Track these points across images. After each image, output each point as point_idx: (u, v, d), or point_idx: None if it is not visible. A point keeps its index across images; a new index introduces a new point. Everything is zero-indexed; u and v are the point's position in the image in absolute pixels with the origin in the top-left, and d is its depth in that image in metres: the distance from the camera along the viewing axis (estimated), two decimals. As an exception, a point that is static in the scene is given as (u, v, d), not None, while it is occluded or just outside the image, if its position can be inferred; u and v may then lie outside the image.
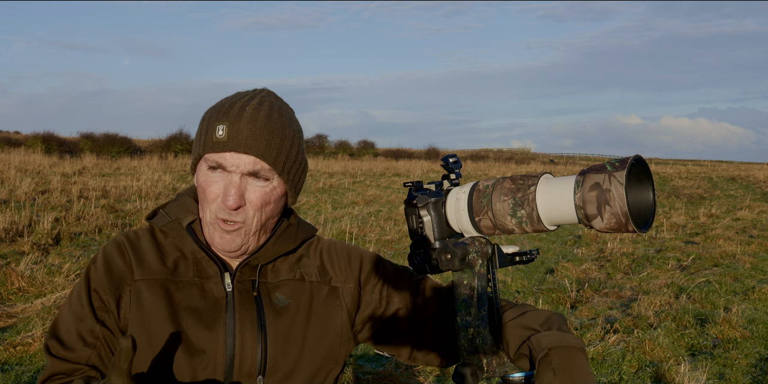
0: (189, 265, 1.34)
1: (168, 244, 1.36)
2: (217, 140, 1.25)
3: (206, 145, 1.27)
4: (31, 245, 8.54)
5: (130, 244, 1.35)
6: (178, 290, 1.31)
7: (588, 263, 9.14)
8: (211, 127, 1.27)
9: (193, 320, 1.29)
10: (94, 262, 1.34)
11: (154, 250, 1.34)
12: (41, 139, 30.64)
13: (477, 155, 50.32)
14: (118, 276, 1.31)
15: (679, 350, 5.43)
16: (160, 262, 1.33)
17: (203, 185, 1.29)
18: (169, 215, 1.37)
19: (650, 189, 1.10)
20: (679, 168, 42.76)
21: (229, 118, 1.26)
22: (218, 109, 1.29)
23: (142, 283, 1.30)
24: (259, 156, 1.26)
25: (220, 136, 1.25)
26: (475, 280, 1.20)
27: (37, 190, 14.05)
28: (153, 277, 1.31)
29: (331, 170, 26.78)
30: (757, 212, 15.68)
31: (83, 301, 1.31)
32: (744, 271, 8.60)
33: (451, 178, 1.25)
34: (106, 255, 1.34)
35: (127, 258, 1.33)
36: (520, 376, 1.24)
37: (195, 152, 1.32)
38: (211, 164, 1.27)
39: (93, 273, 1.32)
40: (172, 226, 1.35)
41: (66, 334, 1.30)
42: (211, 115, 1.29)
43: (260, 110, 1.28)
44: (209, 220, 1.31)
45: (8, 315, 5.90)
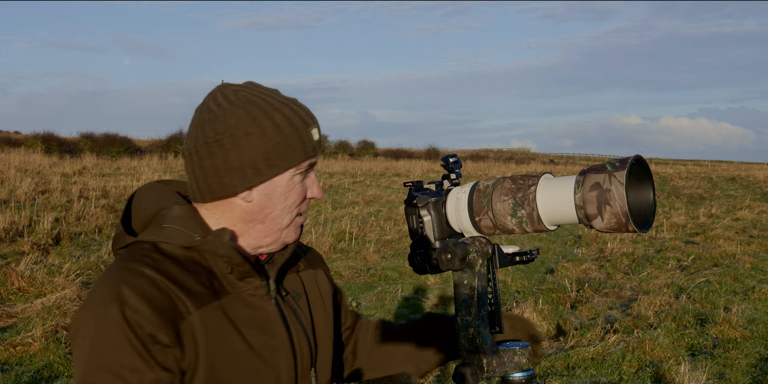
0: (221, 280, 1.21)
1: (186, 261, 1.20)
2: (317, 143, 1.22)
3: (307, 151, 1.21)
4: (31, 245, 8.54)
5: (160, 273, 1.14)
6: (229, 309, 1.20)
7: (588, 263, 9.14)
8: (304, 132, 1.20)
9: (256, 331, 1.22)
10: (123, 302, 1.09)
11: (183, 272, 1.17)
12: (41, 139, 30.62)
13: (477, 155, 50.32)
14: (167, 311, 1.11)
15: (679, 350, 5.43)
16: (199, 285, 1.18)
17: (289, 193, 1.22)
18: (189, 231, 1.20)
19: (650, 189, 1.10)
20: (679, 168, 42.77)
21: (313, 120, 1.23)
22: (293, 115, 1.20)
23: (200, 314, 1.15)
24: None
25: (317, 138, 1.22)
26: (476, 280, 1.20)
27: (37, 190, 14.05)
28: (204, 302, 1.16)
29: (331, 170, 26.77)
30: (757, 212, 15.69)
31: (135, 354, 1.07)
32: (744, 271, 8.60)
33: (451, 178, 1.25)
34: (138, 291, 1.10)
35: (166, 289, 1.13)
36: (520, 376, 1.24)
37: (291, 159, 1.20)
38: (303, 168, 1.22)
39: (133, 316, 1.08)
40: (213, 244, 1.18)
41: None
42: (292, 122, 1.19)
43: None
44: (288, 223, 1.24)
45: (8, 315, 5.90)
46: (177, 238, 1.18)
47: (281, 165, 1.19)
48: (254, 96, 1.20)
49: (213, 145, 1.18)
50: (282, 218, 1.23)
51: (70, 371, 4.70)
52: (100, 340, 1.07)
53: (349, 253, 9.48)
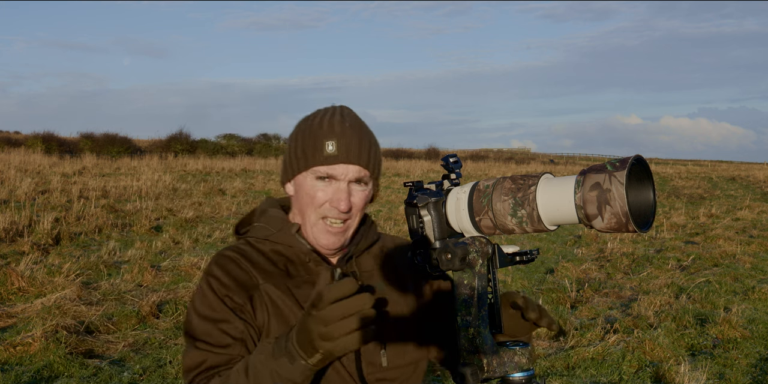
0: (297, 266, 1.49)
1: (269, 252, 1.50)
2: (329, 154, 1.43)
3: (316, 159, 1.44)
4: (31, 245, 8.54)
5: (241, 256, 1.48)
6: (298, 288, 1.46)
7: (588, 263, 9.14)
8: (320, 143, 1.44)
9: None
10: (210, 275, 1.45)
11: (263, 258, 1.49)
12: (41, 139, 30.63)
13: (477, 155, 50.33)
14: (243, 282, 1.44)
15: (679, 350, 5.43)
16: (273, 267, 1.48)
17: (311, 192, 1.46)
18: (271, 226, 1.51)
19: (651, 189, 1.10)
20: (679, 168, 42.78)
21: (335, 135, 1.44)
22: (319, 126, 1.46)
23: (268, 287, 1.45)
24: (363, 165, 1.46)
25: (330, 150, 1.43)
26: (476, 280, 1.20)
27: (37, 190, 14.06)
28: (275, 279, 1.46)
29: (331, 170, 26.70)
30: (757, 212, 15.69)
31: (216, 307, 1.41)
32: (744, 271, 8.60)
33: (451, 178, 1.25)
34: (222, 267, 1.46)
35: (244, 267, 1.46)
36: (521, 376, 1.24)
37: (297, 165, 1.47)
38: (321, 175, 1.45)
39: (216, 283, 1.43)
40: (281, 235, 1.49)
41: (209, 336, 1.39)
42: (314, 133, 1.45)
43: (355, 125, 1.47)
44: (313, 222, 1.47)
45: (8, 315, 5.90)
46: (260, 232, 1.52)
47: (297, 166, 1.47)
48: (316, 113, 1.50)
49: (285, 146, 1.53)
50: (309, 214, 1.47)
51: (70, 371, 4.71)
52: (196, 299, 1.45)
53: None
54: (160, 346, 5.36)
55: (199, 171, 23.19)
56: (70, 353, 4.92)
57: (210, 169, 23.96)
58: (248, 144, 39.62)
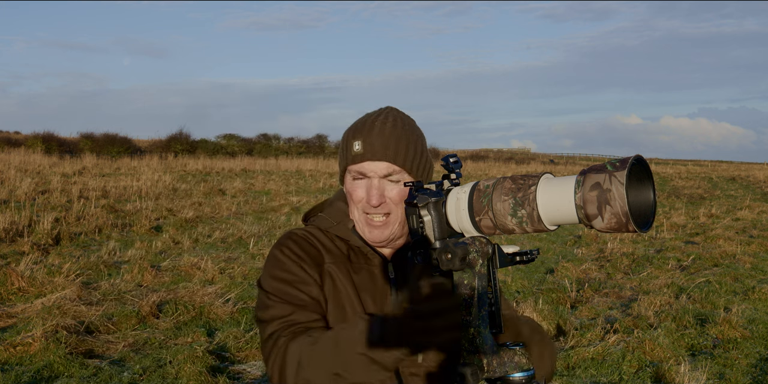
0: (358, 254, 1.59)
1: (335, 239, 1.61)
2: (355, 154, 1.53)
3: (347, 159, 1.55)
4: (31, 245, 8.53)
5: (311, 236, 1.60)
6: (356, 273, 1.57)
7: (588, 263, 9.14)
8: (349, 144, 1.55)
9: (369, 299, 1.55)
10: (283, 246, 1.57)
11: (329, 241, 1.60)
12: (41, 139, 30.65)
13: (477, 155, 50.33)
14: (315, 256, 1.56)
15: (679, 350, 5.43)
16: (338, 250, 1.59)
17: (350, 191, 1.57)
18: (331, 218, 1.62)
19: (651, 189, 1.10)
20: (679, 168, 42.79)
21: (362, 134, 1.54)
22: (353, 128, 1.58)
23: (332, 266, 1.56)
24: (390, 161, 1.52)
25: (357, 150, 1.53)
26: (476, 280, 1.20)
27: (37, 190, 14.06)
28: (338, 261, 1.57)
29: (331, 170, 26.77)
30: (757, 212, 15.69)
31: (293, 270, 1.53)
32: (744, 271, 8.60)
33: (451, 178, 1.25)
34: (295, 241, 1.58)
35: (315, 245, 1.58)
36: (521, 376, 1.24)
37: (341, 166, 1.61)
38: (354, 174, 1.55)
39: (289, 252, 1.55)
40: (339, 228, 1.60)
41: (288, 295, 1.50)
42: (348, 134, 1.57)
43: (386, 123, 1.55)
44: (358, 218, 1.57)
45: (8, 315, 5.90)
46: (321, 223, 1.63)
47: (341, 167, 1.61)
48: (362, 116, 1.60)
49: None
50: (353, 211, 1.58)
51: (70, 371, 4.71)
52: (269, 266, 1.56)
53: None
54: (160, 346, 5.36)
55: (199, 171, 23.20)
56: (70, 353, 4.92)
57: (210, 169, 23.97)
58: (248, 144, 39.64)
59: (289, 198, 15.80)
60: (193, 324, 5.90)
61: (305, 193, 17.72)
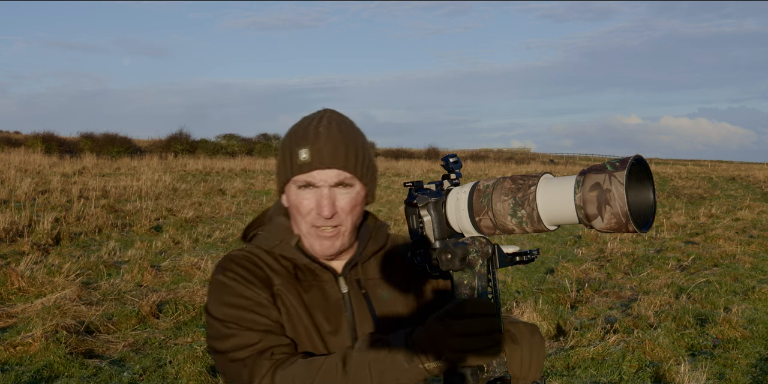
0: (305, 272, 1.49)
1: (278, 258, 1.50)
2: (303, 162, 1.42)
3: (293, 169, 1.44)
4: (31, 245, 8.53)
5: (255, 257, 1.49)
6: (306, 292, 1.47)
7: (588, 263, 9.14)
8: (294, 153, 1.44)
9: (323, 317, 1.46)
10: (227, 271, 1.45)
11: (274, 261, 1.49)
12: (41, 139, 30.63)
13: (477, 155, 50.34)
14: (263, 278, 1.45)
15: (679, 350, 5.43)
16: (283, 268, 1.49)
17: (295, 203, 1.46)
18: (272, 236, 1.51)
19: (650, 189, 1.10)
20: (679, 168, 42.78)
21: (308, 142, 1.43)
22: (294, 135, 1.47)
23: (280, 288, 1.46)
24: (341, 168, 1.43)
25: (304, 158, 1.42)
26: (476, 280, 1.20)
27: (37, 190, 14.05)
28: (286, 282, 1.47)
29: (331, 170, 26.67)
30: (757, 212, 15.69)
31: (246, 294, 1.42)
32: (744, 271, 8.60)
33: (451, 178, 1.25)
34: (239, 264, 1.47)
35: (261, 266, 1.47)
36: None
37: (282, 177, 1.48)
38: (301, 184, 1.44)
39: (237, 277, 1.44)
40: (282, 247, 1.49)
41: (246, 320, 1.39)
42: (291, 142, 1.46)
43: (331, 128, 1.45)
44: (306, 231, 1.47)
45: (8, 315, 5.90)
46: (263, 243, 1.52)
47: (282, 178, 1.48)
48: (301, 120, 1.50)
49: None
50: (299, 225, 1.48)
51: (70, 371, 4.70)
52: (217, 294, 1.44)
53: (349, 253, 9.47)
54: (160, 346, 5.36)
55: (199, 171, 23.19)
56: (70, 353, 4.92)
57: (210, 169, 23.96)
58: (248, 144, 39.63)
59: (289, 198, 15.76)
60: (193, 324, 5.90)
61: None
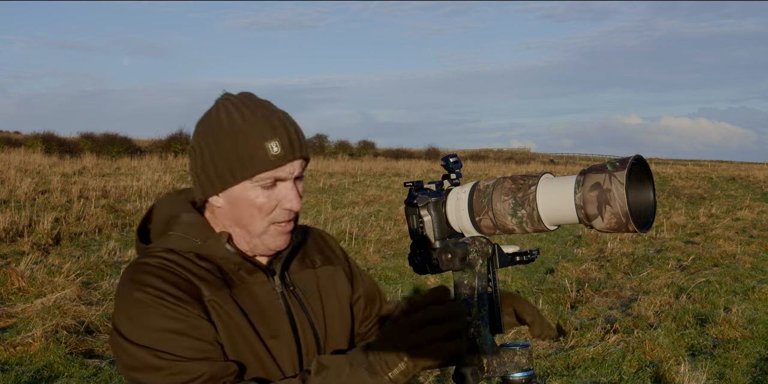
0: (233, 273, 1.33)
1: (198, 261, 1.32)
2: (275, 156, 1.25)
3: (258, 166, 1.25)
4: (31, 245, 8.53)
5: (173, 264, 1.28)
6: (238, 298, 1.31)
7: (588, 263, 9.14)
8: (261, 147, 1.25)
9: (262, 323, 1.32)
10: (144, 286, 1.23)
11: (195, 266, 1.30)
12: (41, 139, 30.63)
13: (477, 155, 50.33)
14: (190, 290, 1.26)
15: (679, 350, 5.43)
16: (210, 274, 1.30)
17: (257, 203, 1.28)
18: (190, 236, 1.31)
19: (651, 189, 1.10)
20: (679, 168, 42.78)
21: (275, 132, 1.26)
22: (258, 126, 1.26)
23: (212, 298, 1.28)
24: (305, 157, 1.31)
25: (276, 152, 1.25)
26: (476, 280, 1.20)
27: (37, 190, 14.05)
28: (216, 289, 1.29)
29: (331, 170, 26.76)
30: (757, 212, 15.68)
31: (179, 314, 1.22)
32: (744, 271, 8.60)
33: (451, 178, 1.25)
34: (157, 275, 1.25)
35: (183, 275, 1.27)
36: (521, 376, 1.24)
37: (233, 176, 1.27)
38: (266, 181, 1.27)
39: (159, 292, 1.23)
40: (211, 246, 1.31)
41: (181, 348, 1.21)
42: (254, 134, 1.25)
43: (284, 115, 1.30)
44: (262, 231, 1.31)
45: (8, 315, 5.90)
46: (181, 244, 1.31)
47: (234, 176, 1.27)
48: (227, 109, 1.28)
49: (192, 151, 1.31)
50: (253, 226, 1.31)
51: (70, 371, 4.70)
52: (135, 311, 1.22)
53: (349, 253, 9.44)
54: (160, 346, 5.36)
55: (199, 171, 23.14)
56: (70, 353, 4.92)
57: (210, 169, 23.90)
58: (248, 144, 39.58)
59: (289, 198, 15.77)
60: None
61: (305, 192, 17.71)
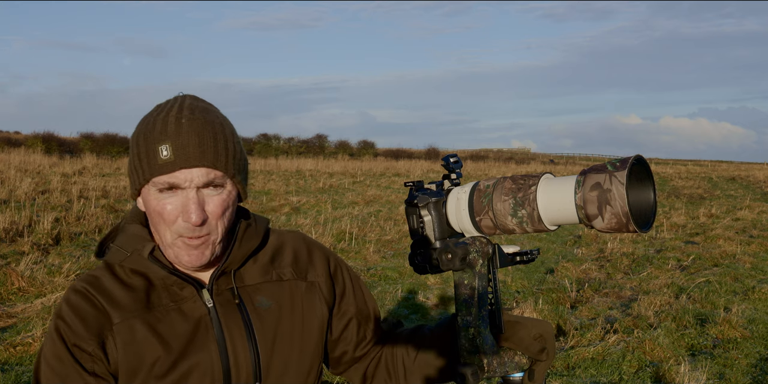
0: (160, 292, 1.28)
1: (131, 277, 1.29)
2: (164, 161, 1.20)
3: (152, 169, 1.21)
4: (31, 245, 8.53)
5: (94, 288, 1.27)
6: (159, 322, 1.26)
7: (588, 263, 9.14)
8: (152, 150, 1.21)
9: (184, 345, 1.26)
10: (59, 317, 1.26)
11: (119, 287, 1.27)
12: (41, 139, 30.65)
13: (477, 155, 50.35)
14: (95, 323, 1.24)
15: (679, 350, 5.43)
16: (131, 298, 1.27)
17: (157, 209, 1.24)
18: (124, 248, 1.29)
19: (651, 189, 1.10)
20: (679, 168, 42.78)
21: (169, 136, 1.20)
22: (151, 129, 1.23)
23: (122, 326, 1.24)
24: (210, 166, 1.22)
25: (165, 156, 1.20)
26: (476, 280, 1.20)
27: (37, 190, 14.05)
28: (130, 316, 1.25)
29: (331, 170, 26.77)
30: (757, 212, 15.68)
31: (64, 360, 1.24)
32: (744, 271, 8.60)
33: (451, 178, 1.25)
34: (72, 306, 1.26)
35: (97, 303, 1.26)
36: (521, 376, 1.24)
37: (137, 178, 1.25)
38: (162, 186, 1.22)
39: (64, 328, 1.24)
40: (132, 259, 1.27)
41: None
42: (147, 137, 1.23)
43: (193, 120, 1.23)
44: (170, 242, 1.25)
45: (8, 315, 5.90)
46: (114, 257, 1.29)
47: (138, 178, 1.25)
48: (151, 111, 1.27)
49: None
50: (164, 233, 1.26)
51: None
52: (47, 343, 1.27)
53: (349, 253, 9.47)
54: (160, 346, 5.36)
55: (199, 171, 23.15)
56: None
57: (210, 169, 23.91)
58: (248, 144, 39.62)
59: (289, 198, 15.79)
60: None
61: (305, 193, 17.71)
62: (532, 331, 1.23)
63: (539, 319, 1.27)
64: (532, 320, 1.26)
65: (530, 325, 1.24)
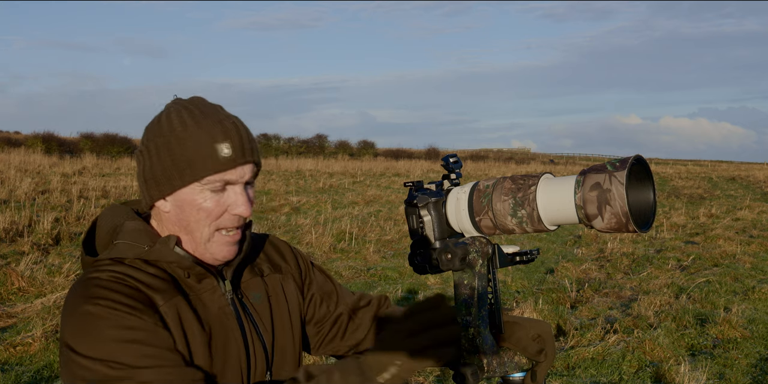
0: (184, 281, 1.30)
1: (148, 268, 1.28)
2: (226, 158, 1.23)
3: (209, 167, 1.23)
4: (31, 245, 8.53)
5: (123, 275, 1.24)
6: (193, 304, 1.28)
7: (588, 263, 9.14)
8: (211, 148, 1.23)
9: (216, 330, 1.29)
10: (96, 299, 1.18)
11: (145, 276, 1.26)
12: (41, 139, 30.65)
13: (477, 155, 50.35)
14: (144, 301, 1.22)
15: (679, 350, 5.43)
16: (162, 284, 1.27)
17: (205, 206, 1.26)
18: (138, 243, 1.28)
19: (651, 189, 1.10)
20: (679, 168, 42.78)
21: (228, 134, 1.24)
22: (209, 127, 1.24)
23: (166, 308, 1.24)
24: (257, 161, 1.30)
25: (226, 154, 1.23)
26: (476, 280, 1.20)
27: (37, 190, 14.05)
28: (169, 298, 1.25)
29: (331, 170, 26.78)
30: (757, 212, 15.68)
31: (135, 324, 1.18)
32: (744, 271, 8.60)
33: (451, 178, 1.25)
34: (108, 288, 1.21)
35: (135, 286, 1.23)
36: (521, 376, 1.24)
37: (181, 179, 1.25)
38: (217, 184, 1.25)
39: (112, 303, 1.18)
40: (160, 251, 1.27)
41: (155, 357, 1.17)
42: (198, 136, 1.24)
43: (236, 118, 1.29)
44: (207, 237, 1.28)
45: (8, 315, 5.90)
46: (128, 252, 1.27)
47: (183, 179, 1.25)
48: (178, 112, 1.27)
49: (140, 155, 1.30)
50: (200, 231, 1.28)
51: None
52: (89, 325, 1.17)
53: (349, 253, 9.48)
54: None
55: (199, 171, 23.15)
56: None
57: (210, 169, 23.92)
58: (248, 144, 39.62)
59: (289, 198, 15.79)
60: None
61: (305, 193, 17.71)
62: (531, 332, 1.26)
63: (538, 319, 1.30)
64: (531, 321, 1.28)
65: (528, 325, 1.26)
